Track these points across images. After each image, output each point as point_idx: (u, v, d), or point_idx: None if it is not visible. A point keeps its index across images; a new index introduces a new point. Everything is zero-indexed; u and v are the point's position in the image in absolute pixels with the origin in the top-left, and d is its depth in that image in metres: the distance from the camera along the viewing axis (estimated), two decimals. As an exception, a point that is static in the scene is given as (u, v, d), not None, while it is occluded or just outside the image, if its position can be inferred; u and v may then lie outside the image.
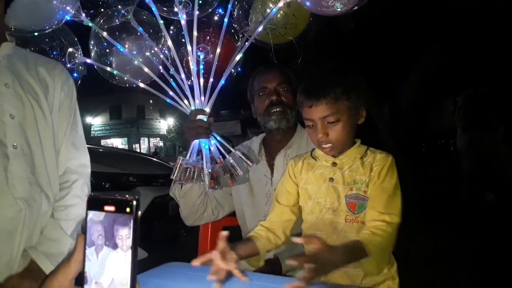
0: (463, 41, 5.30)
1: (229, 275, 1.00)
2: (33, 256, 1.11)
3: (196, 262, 1.01)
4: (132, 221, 0.46)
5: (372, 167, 1.23)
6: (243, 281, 0.99)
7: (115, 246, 0.47)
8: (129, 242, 0.47)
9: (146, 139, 29.99)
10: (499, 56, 5.84)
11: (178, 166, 1.54)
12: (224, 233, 1.03)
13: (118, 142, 28.21)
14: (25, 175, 1.12)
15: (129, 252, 0.47)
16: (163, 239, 3.36)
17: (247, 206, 1.66)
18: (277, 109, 1.60)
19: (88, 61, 1.66)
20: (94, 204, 0.48)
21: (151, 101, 28.42)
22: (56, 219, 1.19)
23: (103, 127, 29.70)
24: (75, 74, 1.66)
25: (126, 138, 28.99)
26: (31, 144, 1.14)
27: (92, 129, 28.51)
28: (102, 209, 0.48)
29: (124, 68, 1.68)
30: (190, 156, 1.55)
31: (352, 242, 1.09)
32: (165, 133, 30.09)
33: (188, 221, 1.72)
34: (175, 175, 1.54)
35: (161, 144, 30.45)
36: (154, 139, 30.75)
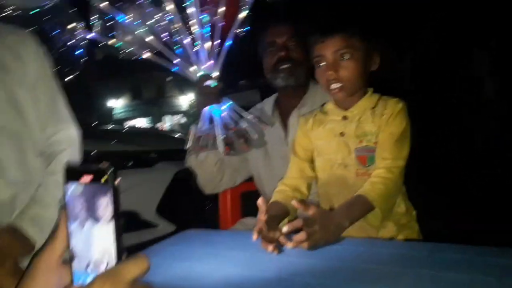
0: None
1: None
2: (21, 223, 1.04)
3: (255, 236, 1.00)
4: (111, 189, 0.45)
5: (383, 115, 1.17)
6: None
7: (97, 218, 0.46)
8: (109, 212, 0.45)
9: (168, 117, 30.29)
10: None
11: (191, 136, 1.52)
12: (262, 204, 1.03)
13: (141, 123, 28.61)
14: (16, 158, 1.07)
15: (112, 222, 0.45)
16: (189, 211, 3.41)
17: (264, 169, 1.63)
18: (285, 66, 1.52)
19: (90, 36, 1.62)
20: (70, 175, 0.46)
21: (168, 79, 28.45)
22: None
23: (125, 109, 30.16)
24: (80, 50, 1.64)
25: (149, 117, 29.38)
26: (17, 124, 1.09)
27: (114, 112, 28.99)
28: (79, 180, 0.46)
29: (128, 39, 1.64)
30: (202, 125, 1.53)
31: (352, 198, 1.07)
32: (187, 109, 30.31)
33: (207, 189, 1.71)
34: (189, 145, 1.52)
35: (184, 120, 30.75)
36: (176, 116, 31.05)
